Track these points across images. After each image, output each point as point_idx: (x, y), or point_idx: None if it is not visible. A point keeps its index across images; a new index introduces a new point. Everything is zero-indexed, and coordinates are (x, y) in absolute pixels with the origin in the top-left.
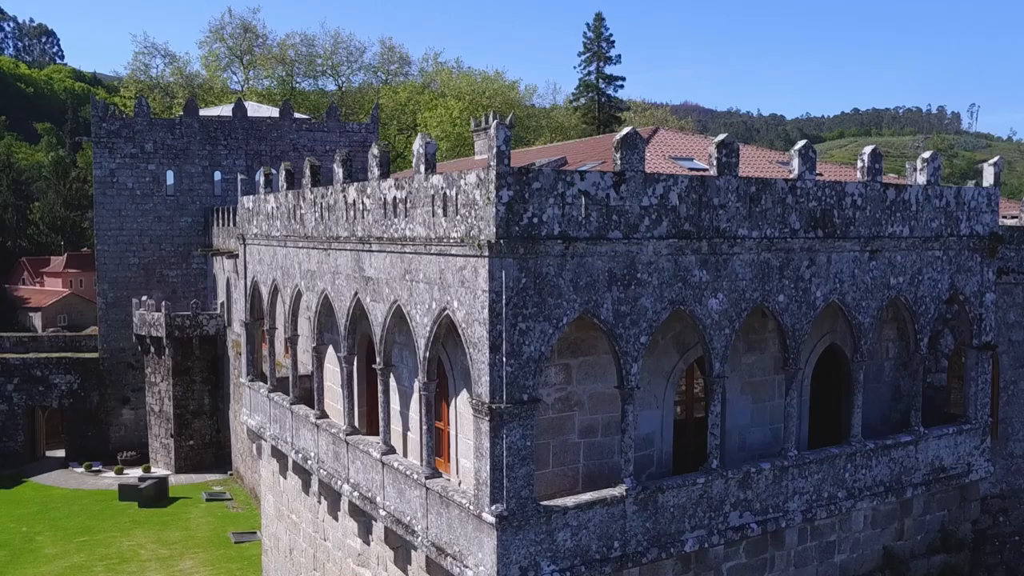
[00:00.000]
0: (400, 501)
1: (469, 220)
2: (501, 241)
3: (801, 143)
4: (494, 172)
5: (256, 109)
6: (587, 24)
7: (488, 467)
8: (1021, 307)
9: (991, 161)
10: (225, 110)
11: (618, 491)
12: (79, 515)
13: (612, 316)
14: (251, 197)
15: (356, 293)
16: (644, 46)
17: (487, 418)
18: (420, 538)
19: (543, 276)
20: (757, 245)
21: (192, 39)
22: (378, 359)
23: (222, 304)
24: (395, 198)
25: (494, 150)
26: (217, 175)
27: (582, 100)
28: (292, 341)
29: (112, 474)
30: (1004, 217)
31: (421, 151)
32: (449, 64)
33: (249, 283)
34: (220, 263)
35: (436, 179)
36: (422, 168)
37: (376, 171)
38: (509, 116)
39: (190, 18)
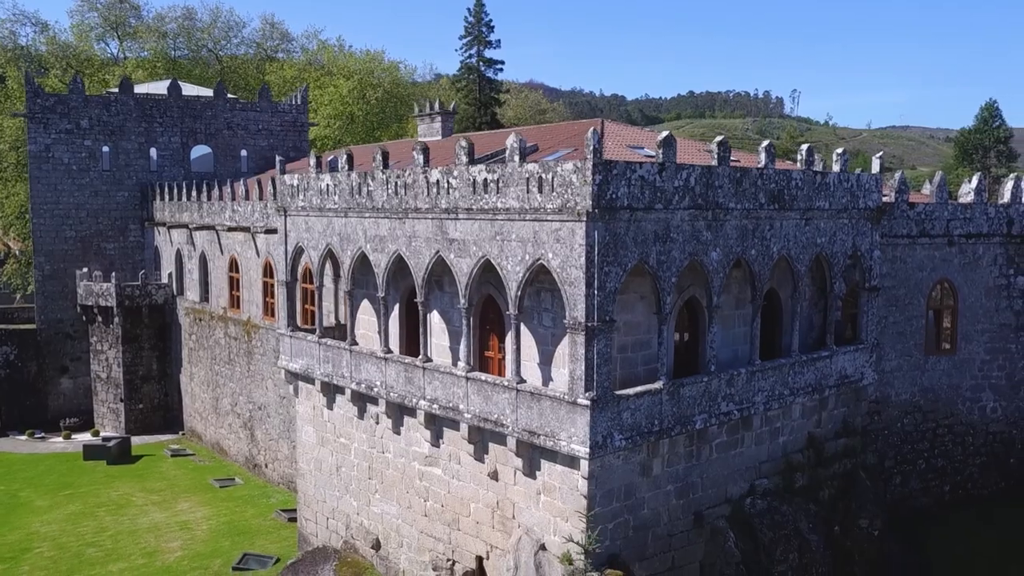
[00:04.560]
0: (486, 405)
1: (565, 196)
2: (595, 210)
3: (766, 142)
4: (591, 163)
5: (183, 86)
6: (468, 9)
7: (583, 367)
8: (890, 262)
9: (877, 155)
10: (158, 87)
11: (658, 385)
12: (51, 474)
13: (656, 263)
14: (295, 175)
15: (438, 252)
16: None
17: (583, 333)
18: (510, 428)
19: (617, 235)
20: (740, 214)
21: (63, 6)
22: (462, 300)
23: (170, 274)
24: (486, 179)
25: (591, 147)
26: (153, 151)
27: (463, 82)
28: (351, 295)
29: (60, 440)
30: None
31: (515, 145)
32: (331, 43)
33: (292, 248)
34: (166, 235)
35: (531, 166)
36: (516, 157)
37: (464, 158)
38: (452, 104)
39: None
